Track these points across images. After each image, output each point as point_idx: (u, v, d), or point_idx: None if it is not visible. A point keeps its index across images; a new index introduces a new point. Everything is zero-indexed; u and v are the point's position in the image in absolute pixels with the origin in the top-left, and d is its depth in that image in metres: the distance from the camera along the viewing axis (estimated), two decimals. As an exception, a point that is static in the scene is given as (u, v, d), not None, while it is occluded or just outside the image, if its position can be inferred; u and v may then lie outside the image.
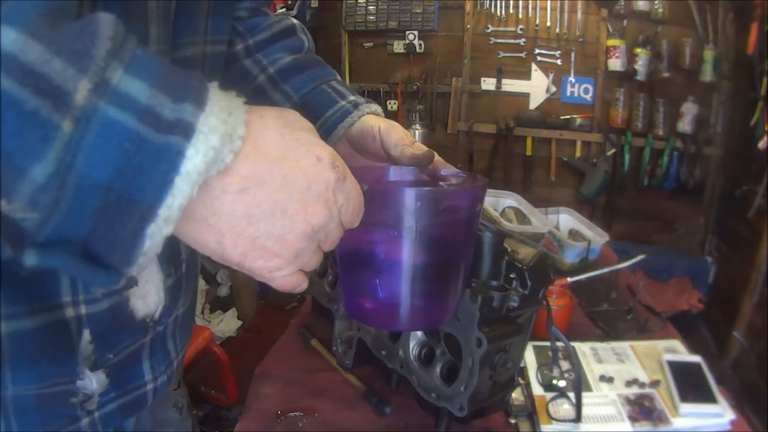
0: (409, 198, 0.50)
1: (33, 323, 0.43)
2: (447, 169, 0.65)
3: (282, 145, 0.37)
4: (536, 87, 3.20)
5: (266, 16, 0.75)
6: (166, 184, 0.31)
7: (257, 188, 0.35)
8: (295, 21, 0.77)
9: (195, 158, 0.32)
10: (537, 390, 0.93)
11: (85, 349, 0.47)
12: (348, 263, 0.57)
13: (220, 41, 0.62)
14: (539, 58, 3.15)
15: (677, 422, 0.88)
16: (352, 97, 0.70)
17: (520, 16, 3.12)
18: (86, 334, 0.46)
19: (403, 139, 0.63)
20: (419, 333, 0.84)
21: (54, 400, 0.46)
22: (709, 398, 0.91)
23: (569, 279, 1.24)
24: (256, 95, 0.70)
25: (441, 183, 0.63)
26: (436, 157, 0.64)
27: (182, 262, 0.58)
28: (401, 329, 0.83)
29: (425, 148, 0.62)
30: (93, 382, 0.48)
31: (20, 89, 0.27)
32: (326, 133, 0.67)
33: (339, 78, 0.75)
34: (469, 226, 0.58)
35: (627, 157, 3.09)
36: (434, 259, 0.55)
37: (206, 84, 0.34)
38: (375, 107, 0.70)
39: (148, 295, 0.51)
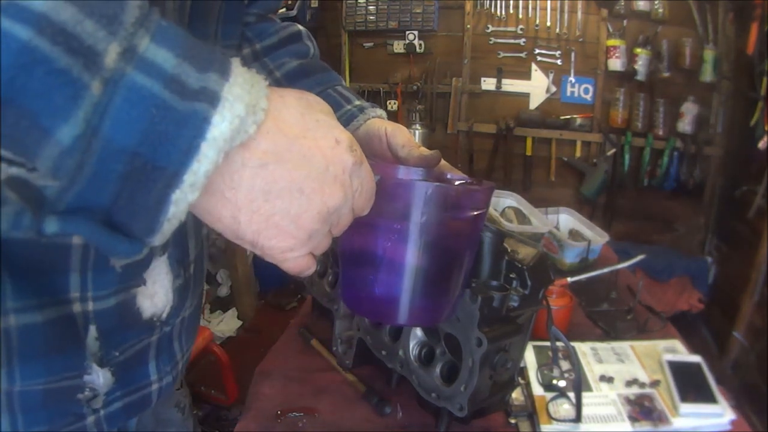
0: (420, 191, 0.50)
1: (42, 317, 0.43)
2: (453, 174, 0.65)
3: (302, 125, 0.37)
4: (536, 87, 3.20)
5: (273, 22, 0.76)
6: (191, 149, 0.31)
7: (276, 165, 0.35)
8: (301, 28, 0.78)
9: (221, 125, 0.32)
10: (537, 390, 0.93)
11: (91, 346, 0.47)
12: (351, 254, 0.57)
13: (230, 46, 0.62)
14: (539, 58, 3.15)
15: (677, 422, 0.88)
16: (357, 102, 0.71)
17: (520, 16, 3.12)
18: (92, 330, 0.46)
19: (411, 141, 0.64)
20: (419, 333, 0.84)
21: (61, 395, 0.46)
22: (709, 398, 0.91)
23: (569, 279, 1.24)
24: None
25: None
26: (442, 161, 0.65)
27: (191, 263, 0.58)
28: (400, 324, 0.83)
29: (432, 151, 0.63)
30: (100, 376, 0.48)
31: (52, 48, 0.27)
32: None
33: (344, 83, 0.76)
34: (473, 227, 0.58)
35: (627, 157, 3.09)
36: (437, 257, 0.55)
37: (229, 57, 0.34)
38: (380, 112, 0.71)
39: (156, 295, 0.51)
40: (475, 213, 0.56)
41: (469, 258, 0.62)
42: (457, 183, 0.64)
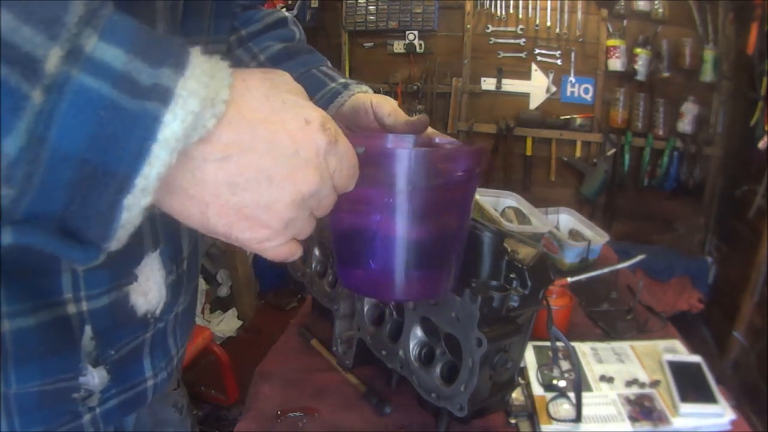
0: (404, 159, 0.48)
1: (36, 320, 0.43)
2: (443, 138, 0.64)
3: (266, 108, 0.35)
4: (536, 87, 3.20)
5: (259, 10, 0.76)
6: (142, 152, 0.30)
7: (241, 155, 0.34)
8: (287, 13, 0.79)
9: (173, 124, 0.30)
10: (537, 390, 0.93)
11: (87, 345, 0.47)
12: (341, 230, 0.55)
13: (221, 41, 0.62)
14: (539, 58, 3.15)
15: (677, 422, 0.88)
16: (342, 80, 0.70)
17: (520, 16, 3.12)
18: (88, 330, 0.46)
19: (397, 109, 0.63)
20: (419, 333, 0.84)
21: (56, 396, 0.46)
22: (709, 398, 0.91)
23: (569, 279, 1.24)
24: None
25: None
26: (430, 129, 0.64)
27: (184, 259, 0.58)
28: (396, 299, 0.82)
29: (419, 115, 0.62)
30: (95, 377, 0.48)
31: None
32: None
33: (329, 64, 0.75)
34: (465, 191, 0.56)
35: (627, 157, 3.09)
36: (430, 226, 0.53)
37: (188, 48, 0.32)
38: (365, 87, 0.69)
39: (149, 292, 0.50)
40: (466, 176, 0.54)
41: (463, 226, 0.59)
42: (447, 147, 0.63)
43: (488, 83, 3.25)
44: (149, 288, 0.50)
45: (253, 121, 0.34)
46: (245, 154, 0.34)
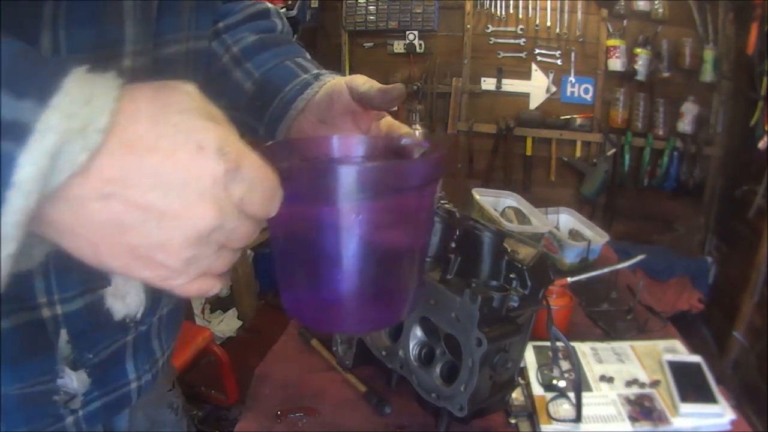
0: (343, 176, 0.40)
1: (10, 324, 0.42)
2: (408, 138, 0.57)
3: (154, 134, 0.30)
4: (536, 87, 3.20)
5: (241, 1, 0.73)
6: None
7: (125, 191, 0.29)
8: (270, 6, 0.75)
9: (26, 166, 0.27)
10: (537, 390, 0.93)
11: (63, 349, 0.46)
12: (279, 253, 0.47)
13: (203, 36, 0.61)
14: (539, 58, 3.15)
15: (677, 422, 0.88)
16: (315, 71, 0.66)
17: (520, 16, 3.12)
18: (63, 334, 0.46)
19: (370, 80, 0.60)
20: (419, 333, 0.84)
21: (37, 399, 0.46)
22: (709, 398, 0.91)
23: (569, 279, 1.24)
24: (220, 76, 0.68)
25: (395, 156, 0.55)
26: (402, 127, 0.60)
27: None
28: (346, 330, 0.78)
29: (395, 84, 0.58)
30: (74, 380, 0.48)
31: None
32: (285, 106, 0.63)
33: (307, 56, 0.71)
34: (421, 203, 0.48)
35: (627, 157, 3.09)
36: (380, 247, 0.46)
37: (65, 69, 0.28)
38: (338, 75, 0.65)
39: (128, 296, 0.49)
40: (422, 189, 0.46)
41: (423, 240, 0.51)
42: (412, 149, 0.55)
43: (488, 83, 3.25)
44: (127, 291, 0.49)
45: (138, 151, 0.29)
46: (130, 190, 0.29)
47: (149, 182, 0.30)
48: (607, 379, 0.97)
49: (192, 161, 0.30)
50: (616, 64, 3.00)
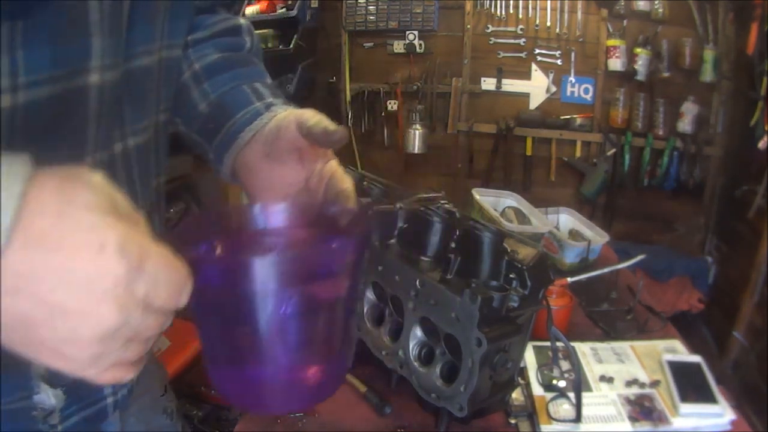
0: (253, 268, 0.40)
1: None
2: (338, 205, 0.55)
3: (59, 230, 0.30)
4: (536, 87, 3.20)
5: (213, 15, 0.71)
6: None
7: (32, 287, 0.30)
8: (243, 22, 0.73)
9: None
10: (537, 390, 0.93)
11: (37, 367, 0.47)
12: (203, 331, 0.45)
13: (176, 45, 0.60)
14: (539, 58, 3.15)
15: (677, 422, 0.88)
16: (269, 99, 0.65)
17: (520, 16, 3.12)
18: None
19: (319, 115, 0.58)
20: (419, 333, 0.84)
21: (15, 414, 0.47)
22: (709, 398, 0.91)
23: (569, 279, 1.24)
24: (180, 93, 0.67)
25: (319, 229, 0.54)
26: (343, 181, 0.57)
27: None
28: (275, 410, 0.76)
29: (339, 128, 0.56)
30: (50, 396, 0.49)
31: None
32: (233, 135, 0.63)
33: (268, 80, 0.70)
34: (341, 279, 0.46)
35: (627, 157, 3.09)
36: (299, 325, 0.44)
37: None
38: (290, 107, 0.64)
39: None
40: (342, 267, 0.45)
41: (347, 309, 0.48)
42: (339, 219, 0.53)
43: (488, 83, 3.25)
44: None
45: (44, 248, 0.30)
46: (37, 286, 0.30)
47: (55, 280, 0.30)
48: (607, 379, 0.97)
49: (94, 261, 0.30)
50: (616, 64, 3.00)
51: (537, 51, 3.13)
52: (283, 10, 3.19)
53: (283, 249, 0.51)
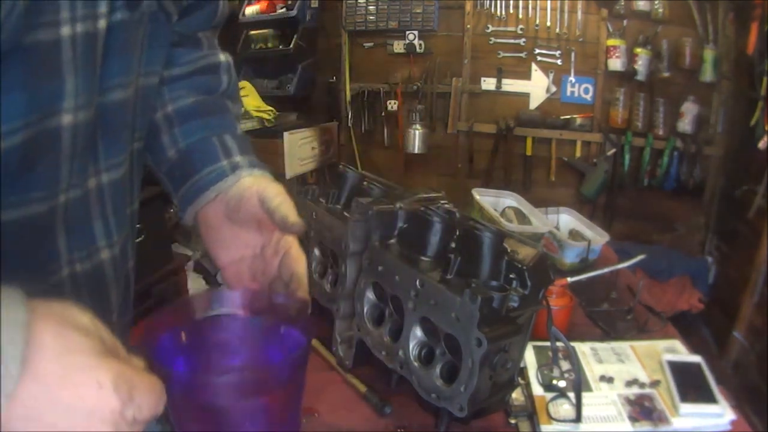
0: (208, 389, 0.48)
1: None
2: (282, 296, 0.62)
3: (61, 371, 0.36)
4: (536, 87, 3.20)
5: (195, 49, 0.71)
6: None
7: (42, 416, 0.35)
8: (223, 59, 0.73)
9: None
10: (537, 390, 0.93)
11: None
12: (180, 426, 0.52)
13: (153, 72, 0.59)
14: (539, 58, 3.15)
15: (677, 422, 0.88)
16: (237, 158, 0.66)
17: (520, 16, 3.12)
18: None
19: (283, 195, 0.61)
20: (419, 333, 0.84)
21: None
22: (709, 398, 0.91)
23: (569, 279, 1.24)
24: (152, 132, 0.67)
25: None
26: (297, 263, 0.62)
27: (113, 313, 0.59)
28: None
29: (298, 219, 0.60)
30: None
31: None
32: (197, 191, 0.65)
33: (238, 131, 0.71)
34: (289, 387, 0.57)
35: (627, 157, 3.09)
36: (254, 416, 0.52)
37: None
38: (258, 171, 0.66)
39: None
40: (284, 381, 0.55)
41: (295, 399, 0.59)
42: (281, 310, 0.59)
43: (488, 83, 3.25)
44: None
45: (50, 385, 0.35)
46: (46, 416, 0.35)
47: (61, 411, 0.36)
48: (607, 379, 0.97)
49: (94, 397, 0.37)
50: (616, 64, 3.00)
51: (537, 51, 3.13)
52: (283, 10, 3.19)
53: (238, 368, 0.58)
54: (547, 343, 0.90)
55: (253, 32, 3.32)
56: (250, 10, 3.30)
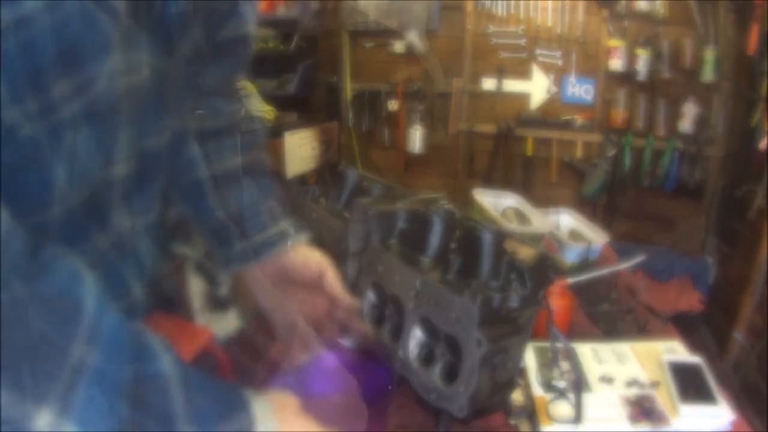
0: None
1: None
2: (350, 337, 0.73)
3: None
4: (537, 87, 3.20)
5: (231, 100, 0.73)
6: None
7: None
8: (255, 113, 0.78)
9: None
10: (537, 390, 0.93)
11: None
12: None
13: (182, 117, 0.61)
14: (540, 59, 3.15)
15: (677, 423, 0.88)
16: (284, 224, 0.75)
17: (521, 16, 3.12)
18: None
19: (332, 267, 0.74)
20: (419, 333, 0.84)
21: None
22: (709, 398, 0.91)
23: (569, 279, 1.24)
24: (196, 190, 0.71)
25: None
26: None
27: None
28: None
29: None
30: None
31: None
32: (249, 256, 0.73)
33: (276, 189, 0.78)
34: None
35: (627, 157, 3.09)
36: None
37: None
38: (301, 237, 0.76)
39: None
40: None
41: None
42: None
43: (488, 83, 3.25)
44: None
45: None
46: None
47: None
48: (607, 380, 0.97)
49: None
50: (616, 64, 3.00)
51: (538, 51, 3.13)
52: (284, 10, 3.19)
53: None
54: (547, 344, 0.90)
55: (253, 32, 3.31)
56: (250, 10, 3.29)
